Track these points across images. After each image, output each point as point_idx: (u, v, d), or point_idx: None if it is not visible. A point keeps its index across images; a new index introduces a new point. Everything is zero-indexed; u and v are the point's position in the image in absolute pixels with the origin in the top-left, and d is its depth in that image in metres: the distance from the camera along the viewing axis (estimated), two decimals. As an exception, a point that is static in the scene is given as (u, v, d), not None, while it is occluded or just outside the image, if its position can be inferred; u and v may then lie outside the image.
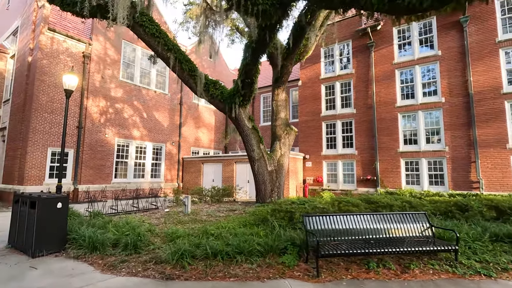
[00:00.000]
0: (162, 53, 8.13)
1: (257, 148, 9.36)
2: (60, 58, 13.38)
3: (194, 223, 7.11)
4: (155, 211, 9.49)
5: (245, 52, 6.64)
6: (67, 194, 5.27)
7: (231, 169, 16.46)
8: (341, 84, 15.48)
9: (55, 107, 13.06)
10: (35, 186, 12.20)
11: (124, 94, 15.83)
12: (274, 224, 5.84)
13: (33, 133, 12.31)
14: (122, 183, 15.31)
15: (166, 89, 18.37)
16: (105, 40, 15.20)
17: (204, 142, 20.88)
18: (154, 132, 17.26)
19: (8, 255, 4.93)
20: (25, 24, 14.11)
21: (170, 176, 18.13)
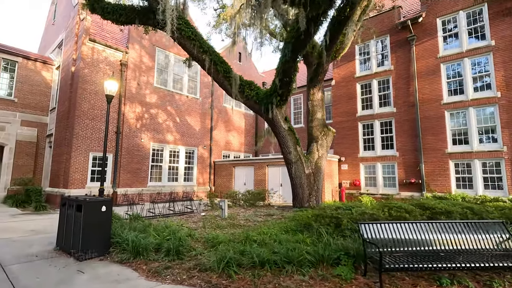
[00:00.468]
0: (198, 56, 8.08)
1: (293, 150, 8.98)
2: (100, 67, 14.01)
3: (232, 228, 6.88)
4: (191, 214, 9.43)
5: (284, 49, 6.34)
6: (110, 198, 5.27)
7: (263, 172, 16.18)
8: (379, 82, 14.63)
9: (95, 113, 13.67)
10: (78, 189, 12.79)
11: (158, 100, 16.24)
12: (321, 231, 5.42)
13: (76, 139, 12.94)
14: (157, 187, 15.64)
15: (198, 93, 18.62)
16: (140, 48, 15.73)
17: (235, 145, 20.86)
18: (186, 136, 17.51)
19: (57, 257, 4.99)
20: (69, 36, 15.01)
21: (202, 180, 18.26)
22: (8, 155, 14.45)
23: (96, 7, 7.98)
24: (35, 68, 15.95)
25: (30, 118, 15.48)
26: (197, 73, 18.72)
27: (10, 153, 14.51)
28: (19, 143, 14.76)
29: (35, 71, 15.93)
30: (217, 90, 19.81)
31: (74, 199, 5.17)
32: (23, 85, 15.40)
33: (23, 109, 15.29)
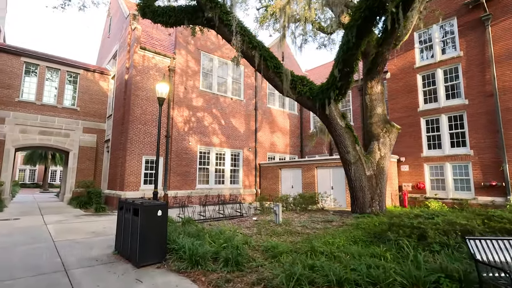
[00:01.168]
0: (247, 52, 7.68)
1: (352, 149, 8.09)
2: (150, 74, 14.53)
3: (290, 235, 6.28)
4: (242, 219, 9.04)
5: (346, 35, 5.60)
6: (165, 202, 5.03)
7: (312, 174, 15.32)
8: (444, 71, 12.88)
9: (147, 118, 14.16)
10: (133, 191, 13.29)
11: (204, 103, 16.38)
12: (401, 244, 4.55)
13: (130, 143, 13.50)
14: (204, 189, 15.70)
15: (242, 95, 18.45)
16: (187, 53, 16.03)
17: (280, 147, 20.27)
18: (231, 138, 17.40)
19: (115, 262, 4.88)
20: (122, 46, 15.88)
21: (248, 182, 17.98)
22: (72, 160, 15.69)
23: (146, 12, 8.05)
24: (94, 79, 17.18)
25: (90, 125, 16.68)
26: (241, 74, 18.59)
27: (74, 158, 15.74)
28: (81, 149, 15.95)
29: (94, 81, 17.17)
30: (260, 91, 19.48)
31: (131, 203, 5.03)
32: (84, 95, 16.67)
33: (85, 117, 16.52)
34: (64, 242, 6.23)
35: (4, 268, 4.53)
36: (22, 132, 14.42)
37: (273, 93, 20.58)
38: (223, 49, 17.79)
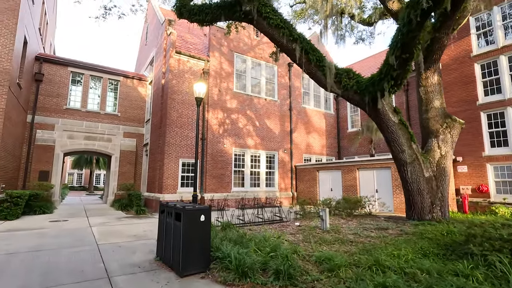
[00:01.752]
0: (287, 45, 7.18)
1: (407, 148, 7.19)
2: (185, 77, 14.62)
3: (342, 244, 5.61)
4: (283, 224, 8.49)
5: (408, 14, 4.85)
6: (208, 206, 4.66)
7: (353, 176, 14.33)
8: (510, 58, 11.29)
9: (183, 121, 14.23)
10: (171, 194, 13.36)
11: (238, 105, 16.16)
12: (492, 260, 3.72)
13: (168, 146, 13.63)
14: (240, 192, 15.41)
15: (276, 95, 17.98)
16: (220, 55, 15.95)
17: (316, 148, 19.42)
18: (266, 140, 16.97)
19: (158, 270, 4.60)
20: (159, 52, 16.24)
21: (284, 185, 17.38)
22: (114, 164, 16.29)
23: (183, 11, 7.91)
24: (133, 85, 17.79)
25: (130, 130, 17.25)
26: (274, 74, 18.15)
27: (116, 161, 16.34)
28: (122, 153, 16.52)
29: (133, 87, 17.77)
30: (295, 91, 18.86)
31: (173, 207, 4.74)
32: (124, 101, 17.31)
33: (125, 122, 17.13)
34: (107, 246, 6.16)
35: (52, 272, 4.46)
36: (70, 138, 15.26)
37: (308, 92, 19.85)
38: (256, 49, 17.51)
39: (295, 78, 19.07)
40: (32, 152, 14.03)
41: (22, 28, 11.45)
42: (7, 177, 11.48)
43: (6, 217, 9.72)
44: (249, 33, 17.31)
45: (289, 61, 18.83)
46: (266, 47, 18.00)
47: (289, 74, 18.70)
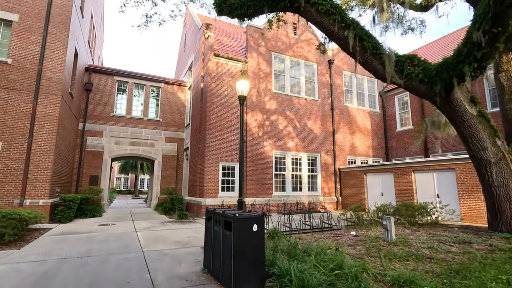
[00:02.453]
0: (338, 33, 6.43)
1: (491, 145, 5.99)
2: (223, 80, 14.44)
3: (418, 261, 4.67)
4: (335, 232, 7.66)
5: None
6: (261, 214, 4.10)
7: (408, 180, 12.89)
8: None
9: (222, 124, 14.02)
10: (212, 198, 13.14)
11: (277, 106, 15.59)
12: None
13: (208, 150, 13.48)
14: (282, 197, 14.74)
15: (316, 95, 17.09)
16: (258, 56, 15.55)
17: (361, 149, 18.07)
18: (307, 141, 16.13)
19: (207, 285, 4.14)
20: (197, 57, 16.34)
21: (328, 189, 16.34)
22: (157, 168, 16.63)
23: (223, 7, 7.56)
24: (173, 91, 18.15)
25: (171, 135, 17.55)
26: (314, 73, 17.29)
27: (159, 166, 16.67)
28: (164, 157, 16.83)
29: (173, 93, 18.12)
30: (336, 89, 17.79)
31: (221, 214, 4.25)
32: (165, 107, 17.70)
33: (166, 127, 17.48)
34: (152, 253, 5.90)
35: (99, 282, 4.22)
36: (116, 144, 15.89)
37: (350, 90, 18.63)
38: (294, 48, 16.84)
39: (336, 75, 18.01)
40: (83, 157, 14.81)
41: (73, 40, 12.10)
42: (62, 182, 12.12)
43: (60, 220, 10.16)
44: (287, 32, 16.72)
45: (329, 58, 17.86)
46: (305, 45, 17.26)
47: (330, 72, 17.70)
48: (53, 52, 10.79)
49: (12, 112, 9.95)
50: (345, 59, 18.59)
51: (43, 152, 10.17)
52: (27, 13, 10.63)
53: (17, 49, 10.31)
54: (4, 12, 10.33)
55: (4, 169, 9.61)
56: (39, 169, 10.02)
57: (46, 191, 10.03)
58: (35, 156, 10.03)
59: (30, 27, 10.60)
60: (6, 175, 9.61)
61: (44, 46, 10.63)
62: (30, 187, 9.80)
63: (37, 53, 10.53)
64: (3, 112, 9.84)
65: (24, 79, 10.27)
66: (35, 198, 9.82)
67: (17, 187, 9.66)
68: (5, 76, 10.04)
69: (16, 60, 10.26)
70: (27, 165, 9.81)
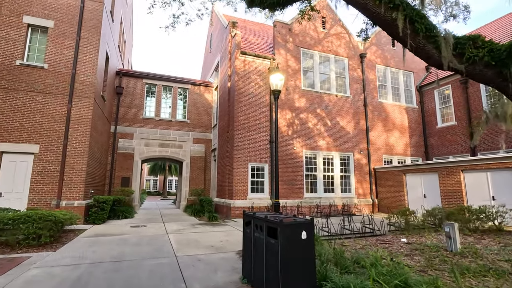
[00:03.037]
0: (385, 15, 5.70)
1: None
2: (251, 78, 14.05)
3: (498, 276, 3.89)
4: (381, 238, 6.91)
5: None
6: (310, 220, 3.56)
7: (456, 180, 11.67)
8: None
9: (250, 124, 13.61)
10: (241, 200, 12.76)
11: (306, 103, 14.92)
12: None
13: (236, 150, 13.13)
14: (313, 198, 14.03)
15: (347, 91, 16.19)
16: (286, 52, 15.00)
17: (398, 148, 16.85)
18: (339, 140, 15.28)
19: (249, 298, 3.66)
20: (223, 56, 16.11)
21: (362, 191, 15.35)
22: (185, 169, 16.59)
23: (254, -2, 7.09)
24: (200, 92, 18.08)
25: (199, 136, 17.46)
26: (345, 68, 16.41)
27: (187, 167, 16.62)
28: (192, 158, 16.76)
29: (200, 94, 18.06)
30: (369, 84, 16.75)
31: (264, 219, 3.77)
32: (192, 108, 17.67)
33: (194, 129, 17.43)
34: (186, 259, 5.56)
35: (131, 291, 3.90)
36: (146, 146, 16.06)
37: (384, 85, 17.48)
38: (323, 42, 16.08)
39: (369, 70, 16.97)
40: (115, 159, 15.08)
41: (104, 44, 12.30)
42: (95, 183, 12.33)
43: (94, 221, 10.25)
44: (315, 26, 16.02)
45: (361, 51, 16.88)
46: (335, 39, 16.44)
47: (362, 67, 16.71)
48: (85, 56, 10.98)
49: (48, 116, 10.22)
50: (378, 52, 17.51)
51: (77, 154, 10.33)
52: (61, 19, 10.92)
53: (52, 54, 10.60)
54: (41, 19, 10.67)
55: (42, 171, 9.86)
56: (73, 170, 10.19)
57: (81, 192, 10.17)
58: (70, 158, 10.21)
59: (64, 32, 10.87)
60: (44, 177, 9.86)
61: (77, 50, 10.84)
62: (65, 188, 9.98)
63: (70, 57, 10.77)
64: (40, 116, 10.12)
65: (59, 83, 10.52)
66: (70, 199, 9.98)
67: (53, 189, 9.87)
68: (41, 81, 10.34)
69: (51, 65, 10.54)
70: (62, 167, 10.01)
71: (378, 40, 17.70)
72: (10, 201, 9.48)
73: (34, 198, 9.66)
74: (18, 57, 10.21)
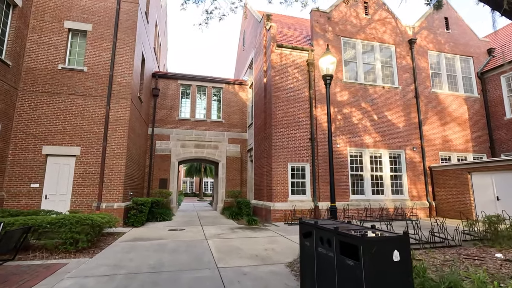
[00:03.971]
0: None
1: None
2: (288, 72, 13.16)
3: None
4: (461, 251, 5.61)
5: None
6: (404, 235, 2.59)
7: (541, 180, 9.68)
8: None
9: (289, 121, 12.71)
10: (282, 203, 11.89)
11: (349, 97, 13.64)
12: None
13: (275, 149, 12.30)
14: (360, 201, 12.70)
15: (396, 81, 14.57)
16: (325, 43, 13.85)
17: (457, 143, 14.80)
18: (388, 136, 13.74)
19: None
20: (258, 52, 15.41)
21: (416, 192, 13.64)
22: (221, 170, 16.13)
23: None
24: (234, 91, 17.58)
25: (234, 136, 16.94)
26: (392, 56, 14.81)
27: (223, 168, 16.15)
28: (228, 159, 16.26)
29: (234, 93, 17.55)
30: (420, 73, 14.95)
31: (333, 231, 2.87)
32: (226, 107, 17.21)
33: (229, 129, 16.95)
34: (229, 272, 4.83)
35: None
36: (182, 147, 15.88)
37: (438, 73, 15.52)
38: (367, 30, 14.65)
39: (420, 57, 15.16)
40: (153, 161, 15.07)
41: (140, 45, 12.22)
42: (134, 185, 12.27)
43: (133, 223, 10.05)
44: (357, 12, 14.67)
45: (409, 37, 15.15)
46: (379, 25, 14.93)
47: (411, 53, 14.97)
48: (122, 57, 10.92)
49: (88, 118, 10.25)
50: (430, 37, 15.61)
51: (116, 155, 10.23)
52: (98, 22, 10.97)
53: (91, 57, 10.66)
54: (80, 23, 10.81)
55: (83, 173, 9.88)
56: (112, 172, 10.09)
57: (120, 194, 10.04)
58: (109, 159, 10.14)
59: (101, 35, 10.90)
60: (85, 179, 9.87)
61: (114, 52, 10.81)
62: (105, 190, 9.90)
63: (108, 59, 10.75)
64: (80, 118, 10.18)
65: (98, 85, 10.54)
66: (110, 201, 9.88)
67: (94, 191, 9.84)
68: (81, 84, 10.42)
69: (90, 68, 10.60)
70: (102, 169, 9.95)
71: (429, 23, 15.79)
72: (55, 203, 9.59)
73: (76, 200, 9.69)
74: (60, 61, 10.39)
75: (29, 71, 10.06)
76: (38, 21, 10.43)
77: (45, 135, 9.83)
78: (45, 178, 9.66)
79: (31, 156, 9.58)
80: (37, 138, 9.74)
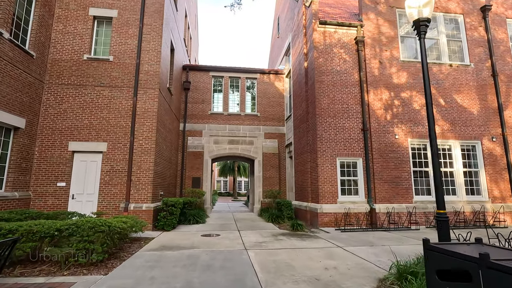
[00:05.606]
0: None
1: None
2: (333, 53, 11.32)
3: None
4: None
5: None
6: None
7: None
8: None
9: (336, 109, 10.88)
10: (330, 204, 10.12)
11: (408, 78, 11.42)
12: None
13: (320, 142, 10.55)
14: (427, 202, 10.48)
15: (466, 58, 12.01)
16: (376, 16, 11.79)
17: (551, 131, 11.80)
18: (459, 124, 11.29)
19: None
20: (296, 34, 13.73)
21: (499, 192, 11.02)
22: (258, 168, 14.71)
23: None
24: (269, 81, 16.07)
25: (270, 130, 15.43)
26: (460, 28, 12.26)
27: (259, 166, 14.72)
28: (264, 156, 14.79)
29: (270, 83, 16.04)
30: (498, 46, 12.19)
31: None
32: (262, 99, 15.76)
33: (264, 122, 15.48)
34: (286, 309, 3.30)
35: None
36: (215, 143, 14.74)
37: (521, 46, 12.58)
38: (427, -2, 12.24)
39: (496, 27, 12.39)
40: (185, 159, 14.10)
41: (168, 32, 11.22)
42: (165, 184, 11.31)
43: (163, 227, 8.99)
44: (414, -22, 12.30)
45: (482, 4, 12.45)
46: (442, -9, 12.43)
47: (485, 23, 12.27)
48: (149, 44, 9.94)
49: (114, 111, 9.40)
50: (509, 2, 12.73)
51: (144, 151, 9.25)
52: (124, 7, 10.11)
53: (117, 45, 9.82)
54: (105, 9, 10.03)
55: (110, 171, 9.02)
56: (141, 170, 9.12)
57: (149, 194, 9.03)
58: (137, 156, 9.18)
59: (127, 20, 10.02)
60: (112, 177, 9.00)
61: (141, 39, 9.86)
62: (133, 190, 8.95)
63: (134, 47, 9.84)
64: (107, 111, 9.36)
65: (124, 75, 9.66)
66: (138, 202, 8.90)
67: (122, 190, 8.93)
68: (107, 74, 9.61)
69: (116, 57, 9.76)
70: (130, 166, 9.01)
71: (507, -15, 12.89)
72: (82, 204, 8.84)
73: (104, 201, 8.85)
74: (85, 51, 9.67)
75: (54, 63, 9.45)
76: (63, 9, 9.80)
77: (71, 130, 9.13)
78: (72, 177, 8.94)
79: (58, 153, 8.92)
80: (63, 134, 9.06)
